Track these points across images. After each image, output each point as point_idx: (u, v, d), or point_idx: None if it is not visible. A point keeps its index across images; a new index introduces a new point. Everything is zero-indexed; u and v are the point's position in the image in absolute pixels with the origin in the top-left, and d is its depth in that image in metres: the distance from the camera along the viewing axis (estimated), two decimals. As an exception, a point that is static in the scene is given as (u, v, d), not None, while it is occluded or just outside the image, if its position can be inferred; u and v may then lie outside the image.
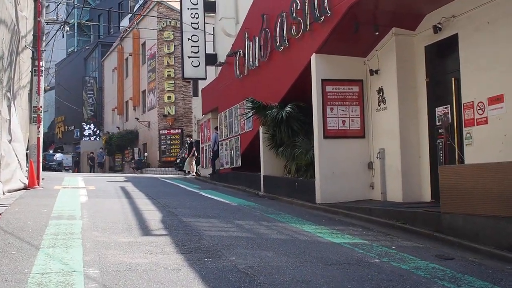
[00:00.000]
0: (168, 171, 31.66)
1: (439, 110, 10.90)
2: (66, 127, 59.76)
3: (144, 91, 39.27)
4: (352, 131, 12.97)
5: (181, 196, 14.59)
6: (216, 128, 22.37)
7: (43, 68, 17.48)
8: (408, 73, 11.78)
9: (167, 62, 34.51)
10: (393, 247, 7.60)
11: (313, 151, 13.17)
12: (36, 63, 17.29)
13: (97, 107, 53.45)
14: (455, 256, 7.10)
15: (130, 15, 46.79)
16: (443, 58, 11.10)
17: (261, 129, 16.37)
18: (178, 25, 32.66)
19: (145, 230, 8.51)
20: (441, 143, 10.47)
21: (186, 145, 28.83)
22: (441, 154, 10.40)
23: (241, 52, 18.39)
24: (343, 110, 12.97)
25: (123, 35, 43.69)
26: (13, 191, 14.47)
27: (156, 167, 34.64)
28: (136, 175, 31.25)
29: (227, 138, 20.49)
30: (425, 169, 11.37)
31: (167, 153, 34.06)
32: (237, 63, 18.85)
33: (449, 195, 8.26)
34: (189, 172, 27.98)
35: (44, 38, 17.70)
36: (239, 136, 19.09)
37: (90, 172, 42.15)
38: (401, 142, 11.66)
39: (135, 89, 40.70)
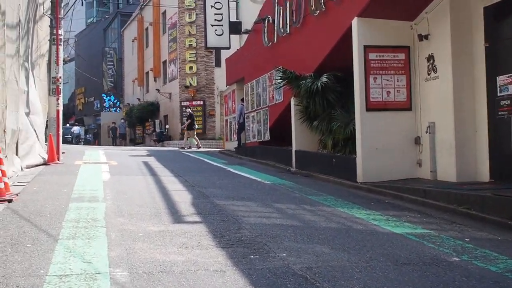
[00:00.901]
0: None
1: (502, 79, 9.70)
2: (86, 98, 59.04)
3: (165, 62, 38.19)
4: (398, 103, 11.82)
5: (209, 173, 13.61)
6: (242, 100, 21.30)
7: (62, 37, 16.44)
8: (463, 37, 10.54)
9: (189, 32, 33.29)
10: (466, 239, 6.51)
11: (353, 124, 12.10)
12: (55, 31, 16.29)
13: (117, 78, 52.54)
14: (546, 252, 6.00)
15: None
16: (506, 21, 9.85)
17: (292, 101, 15.29)
18: (200, -8, 31.49)
19: (176, 215, 7.54)
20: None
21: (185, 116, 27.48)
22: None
23: (270, 19, 17.25)
24: (387, 80, 11.81)
25: (142, 4, 42.51)
26: (32, 167, 13.65)
27: (178, 139, 33.67)
28: (157, 148, 30.38)
29: (254, 110, 19.44)
30: (483, 145, 10.21)
31: (189, 125, 33.03)
32: (266, 30, 17.70)
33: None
34: (190, 147, 26.71)
35: (62, 5, 16.63)
36: (267, 108, 18.01)
37: (113, 144, 41.38)
38: (455, 114, 10.48)
39: (156, 59, 39.63)
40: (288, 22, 15.75)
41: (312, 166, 14.20)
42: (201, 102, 32.85)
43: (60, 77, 16.26)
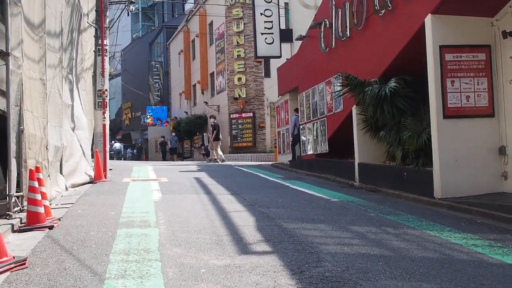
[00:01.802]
0: (241, 158, 29.77)
1: None
2: (133, 113, 58.90)
3: (212, 74, 37.38)
4: (478, 109, 10.54)
5: (267, 190, 12.51)
6: (296, 110, 20.17)
7: (107, 47, 15.67)
8: (559, 32, 9.25)
9: (237, 42, 32.32)
10: None
11: (427, 134, 10.88)
12: (100, 42, 15.53)
13: (163, 92, 52.18)
14: None
15: (195, -5, 45.03)
16: None
17: (354, 110, 14.08)
18: (248, 1, 30.58)
19: (241, 244, 6.44)
20: None
21: (210, 127, 27.05)
22: None
23: (327, 22, 16.09)
24: (466, 83, 10.53)
25: (189, 16, 41.93)
26: (77, 186, 12.85)
27: (227, 153, 32.72)
28: (207, 162, 29.50)
29: (310, 120, 18.27)
30: None
31: (239, 138, 32.06)
32: (322, 35, 16.55)
33: None
34: (216, 160, 26.17)
35: (107, 14, 15.87)
36: (325, 118, 16.82)
37: (163, 159, 40.70)
38: (549, 120, 9.18)
39: (203, 71, 38.87)
40: (348, 25, 14.58)
41: (378, 180, 12.96)
42: (251, 114, 31.79)
43: (106, 90, 15.48)
